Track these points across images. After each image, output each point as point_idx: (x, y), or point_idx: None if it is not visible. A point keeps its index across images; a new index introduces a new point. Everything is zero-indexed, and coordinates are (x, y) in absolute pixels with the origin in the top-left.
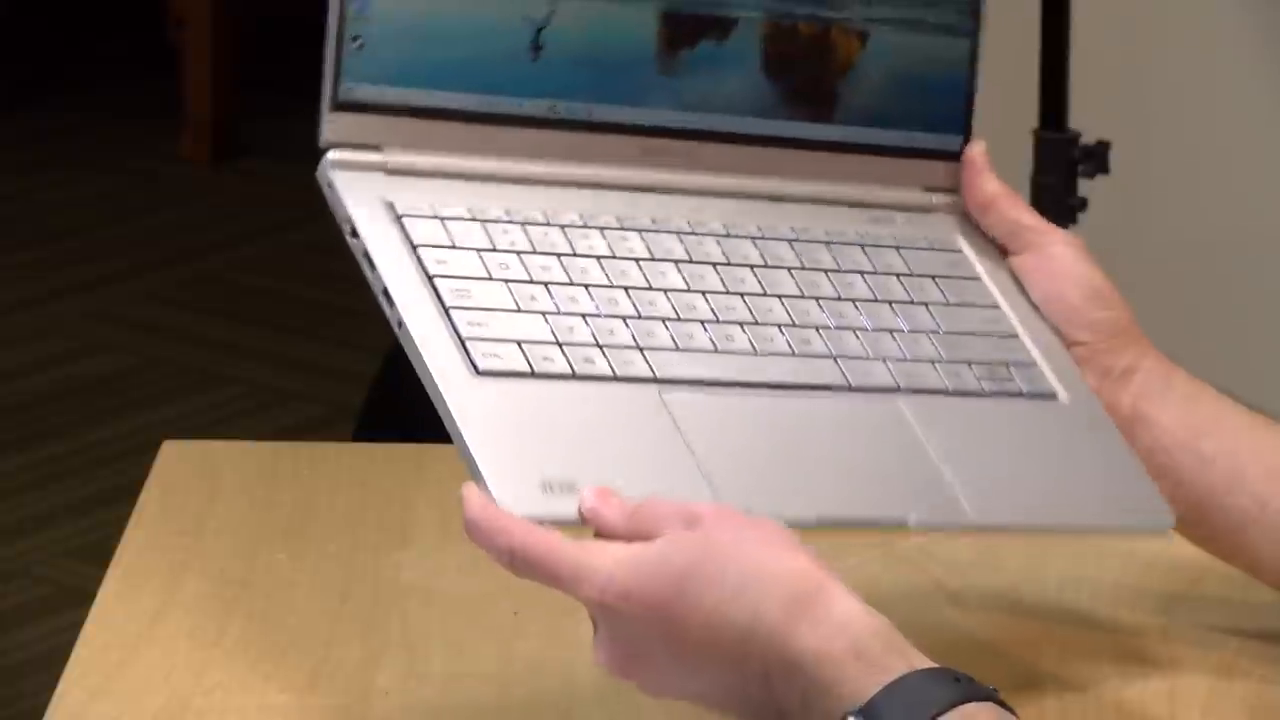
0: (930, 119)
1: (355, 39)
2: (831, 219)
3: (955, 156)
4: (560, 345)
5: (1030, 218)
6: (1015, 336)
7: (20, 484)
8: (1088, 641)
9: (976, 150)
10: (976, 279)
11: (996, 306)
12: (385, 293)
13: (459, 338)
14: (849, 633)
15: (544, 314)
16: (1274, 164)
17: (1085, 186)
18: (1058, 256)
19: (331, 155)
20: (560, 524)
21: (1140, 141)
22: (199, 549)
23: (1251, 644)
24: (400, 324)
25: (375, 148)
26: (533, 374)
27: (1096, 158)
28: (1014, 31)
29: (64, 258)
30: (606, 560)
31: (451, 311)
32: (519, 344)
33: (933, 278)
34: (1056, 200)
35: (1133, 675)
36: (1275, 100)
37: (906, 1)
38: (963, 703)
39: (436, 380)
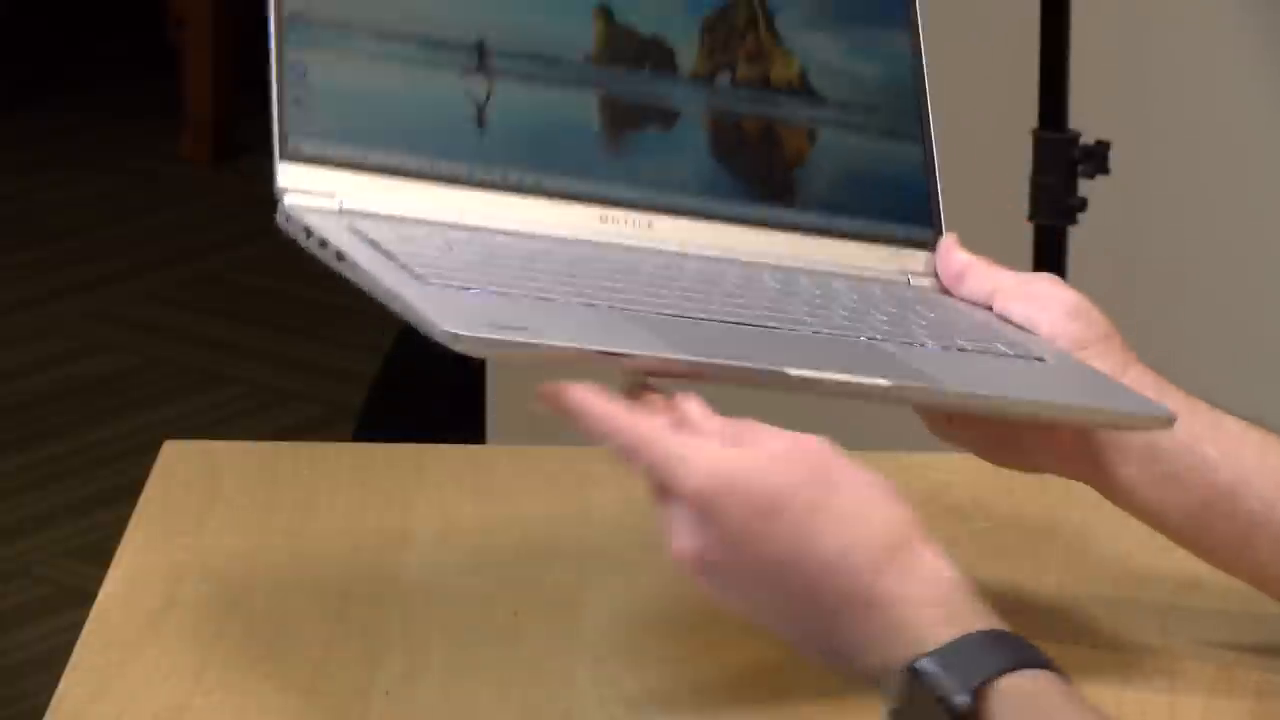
0: (897, 211)
1: (297, 102)
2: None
3: (928, 246)
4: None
5: (1006, 275)
6: (1001, 331)
7: (20, 484)
8: (1086, 651)
9: (948, 238)
10: (958, 308)
11: (981, 319)
12: (338, 255)
13: (410, 271)
14: (935, 584)
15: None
16: (1274, 164)
17: (1085, 186)
18: (1036, 290)
19: (287, 199)
20: (514, 353)
21: (1140, 141)
22: (199, 549)
23: (1252, 639)
24: (340, 256)
25: (329, 195)
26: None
27: (1096, 158)
28: (1014, 31)
29: (64, 258)
30: (713, 453)
31: (406, 261)
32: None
33: (916, 306)
34: (1056, 200)
35: (1132, 686)
36: (1275, 100)
37: (848, 107)
38: (1032, 667)
39: (379, 276)
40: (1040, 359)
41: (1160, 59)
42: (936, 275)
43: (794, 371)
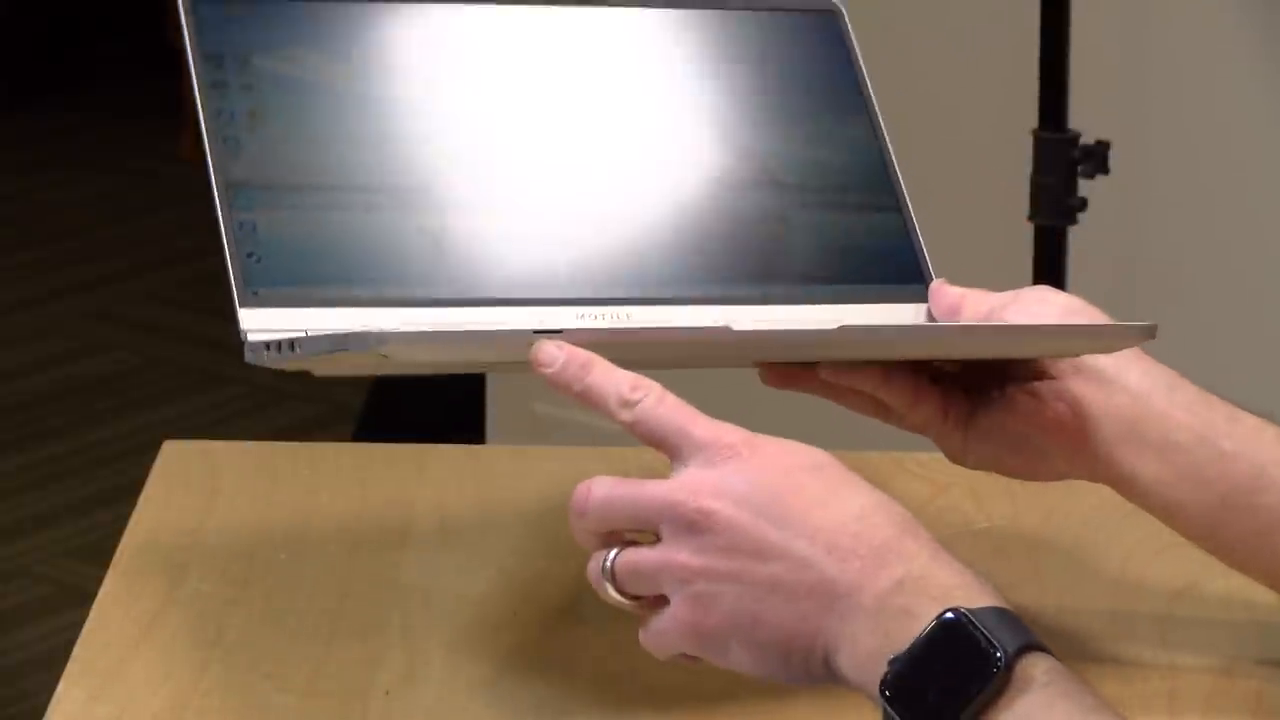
0: (885, 275)
1: (250, 255)
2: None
3: (921, 298)
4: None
5: (1001, 295)
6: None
7: (20, 484)
8: (1087, 644)
9: (937, 281)
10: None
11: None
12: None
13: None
14: (956, 559)
15: None
16: (1274, 164)
17: (1085, 186)
18: (1030, 297)
19: (251, 339)
20: (449, 345)
21: (1140, 141)
22: (199, 549)
23: (1251, 645)
24: (294, 345)
25: (292, 330)
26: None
27: (1096, 158)
28: (1014, 31)
29: (64, 258)
30: (739, 430)
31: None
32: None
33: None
34: (1056, 200)
35: (1133, 677)
36: (1275, 100)
37: (819, 191)
38: (1045, 651)
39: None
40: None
41: (1160, 59)
42: (932, 319)
43: (739, 327)
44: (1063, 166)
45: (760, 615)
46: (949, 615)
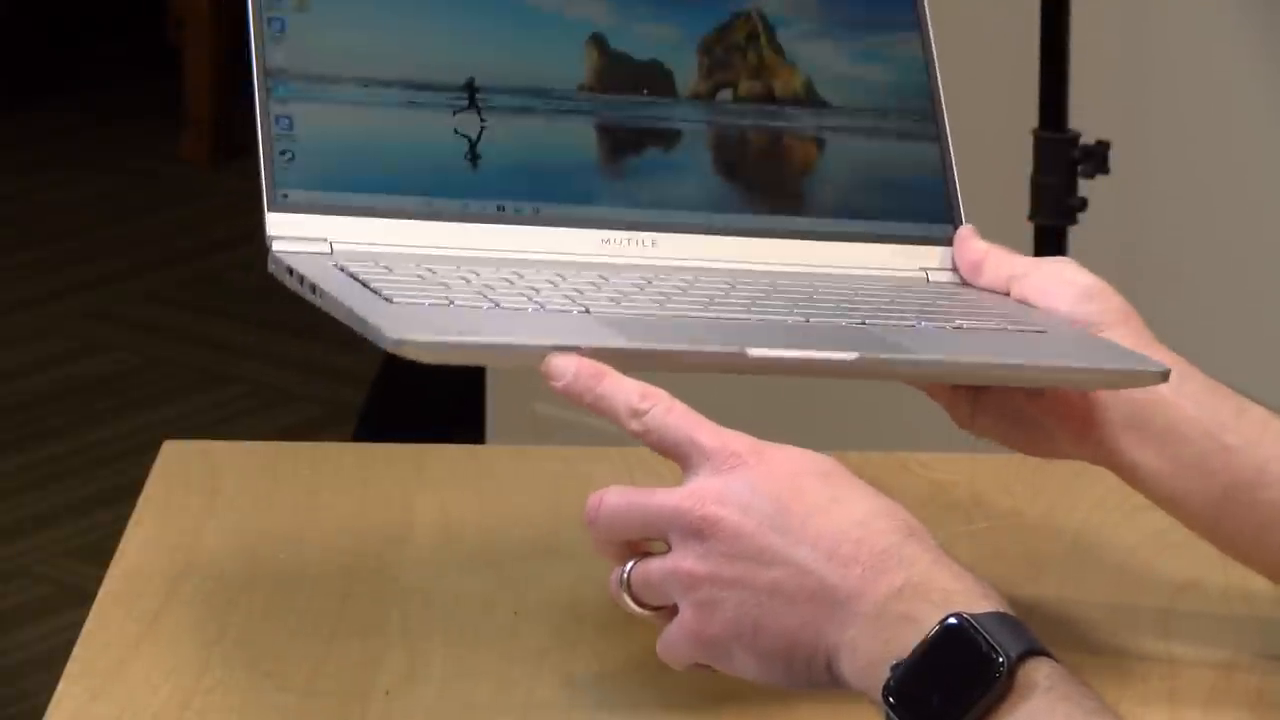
0: (915, 210)
1: (284, 153)
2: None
3: (948, 241)
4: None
5: (1023, 261)
6: (1011, 311)
7: (20, 484)
8: (1088, 641)
9: (965, 228)
10: (974, 297)
11: (994, 305)
12: (313, 288)
13: (380, 295)
14: (958, 564)
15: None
16: (1274, 164)
17: (1085, 186)
18: (1052, 273)
19: (276, 247)
20: (458, 353)
21: (1140, 141)
22: (199, 549)
23: (1251, 643)
24: (314, 289)
25: (321, 240)
26: (450, 304)
27: (1096, 158)
28: (1014, 31)
29: (64, 258)
30: (744, 438)
31: (379, 287)
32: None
33: (923, 296)
34: (1056, 200)
35: (1134, 674)
36: (1275, 100)
37: (858, 112)
38: (1047, 655)
39: (344, 299)
40: (1041, 331)
41: (1160, 59)
42: (955, 268)
43: (754, 352)
44: (1063, 166)
45: (762, 621)
46: (951, 620)
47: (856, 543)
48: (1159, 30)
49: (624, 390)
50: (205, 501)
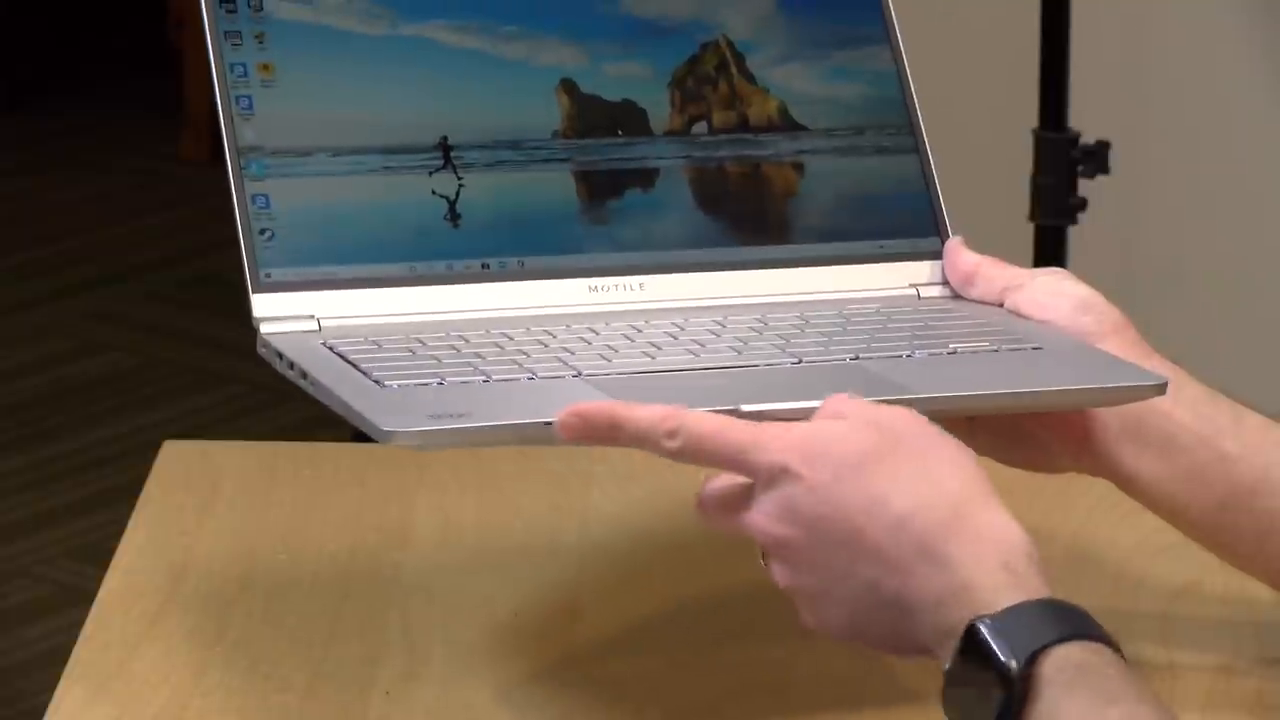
0: (901, 226)
1: (263, 232)
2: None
3: (937, 254)
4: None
5: (1016, 272)
6: (1006, 327)
7: (20, 484)
8: None
9: (953, 240)
10: (967, 311)
11: (988, 319)
12: (303, 375)
13: (371, 377)
14: (1002, 546)
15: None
16: (1274, 164)
17: (1085, 186)
18: (1044, 283)
19: (264, 329)
20: (451, 441)
21: (1140, 141)
22: (199, 549)
23: (1251, 644)
24: (305, 375)
25: (309, 317)
26: (441, 384)
27: (1096, 158)
28: (1014, 31)
29: (64, 258)
30: (788, 430)
31: (369, 368)
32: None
33: (914, 317)
34: (1056, 200)
35: None
36: (1275, 100)
37: (834, 132)
38: (1088, 639)
39: (336, 391)
40: (1038, 348)
41: (1160, 59)
42: (946, 282)
43: (748, 407)
44: (1063, 166)
45: (858, 625)
46: (970, 630)
47: (897, 545)
48: (1159, 30)
49: (646, 423)
50: (205, 501)
